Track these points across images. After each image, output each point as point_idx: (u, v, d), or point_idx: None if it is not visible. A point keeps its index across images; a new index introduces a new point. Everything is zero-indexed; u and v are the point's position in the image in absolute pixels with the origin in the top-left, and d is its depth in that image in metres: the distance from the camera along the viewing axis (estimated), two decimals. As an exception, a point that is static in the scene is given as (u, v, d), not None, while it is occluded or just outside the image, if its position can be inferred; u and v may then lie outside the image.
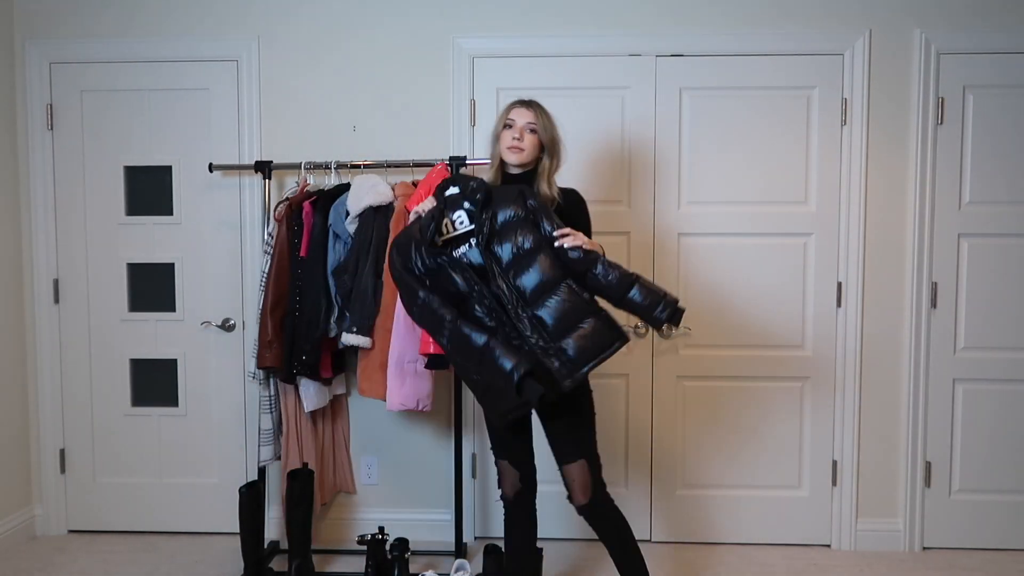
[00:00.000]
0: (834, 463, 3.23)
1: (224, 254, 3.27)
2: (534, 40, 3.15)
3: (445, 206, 2.30)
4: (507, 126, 2.39)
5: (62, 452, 3.36)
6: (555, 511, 3.07)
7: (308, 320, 2.84)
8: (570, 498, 2.29)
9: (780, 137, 3.14)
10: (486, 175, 2.47)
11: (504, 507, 2.51)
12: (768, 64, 3.12)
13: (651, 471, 3.26)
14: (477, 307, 2.19)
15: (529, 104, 2.41)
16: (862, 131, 3.11)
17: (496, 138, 2.43)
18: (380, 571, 2.83)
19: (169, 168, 3.27)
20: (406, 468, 3.31)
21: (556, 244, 2.19)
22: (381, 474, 3.32)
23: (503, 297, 2.16)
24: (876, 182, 3.13)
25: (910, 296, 3.15)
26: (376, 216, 2.85)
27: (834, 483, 3.23)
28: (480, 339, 2.13)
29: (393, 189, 2.90)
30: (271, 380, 2.99)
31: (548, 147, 2.40)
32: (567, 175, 2.52)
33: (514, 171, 2.42)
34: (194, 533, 3.36)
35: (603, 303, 2.21)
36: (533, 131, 2.37)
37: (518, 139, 2.35)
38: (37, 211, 3.28)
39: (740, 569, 3.05)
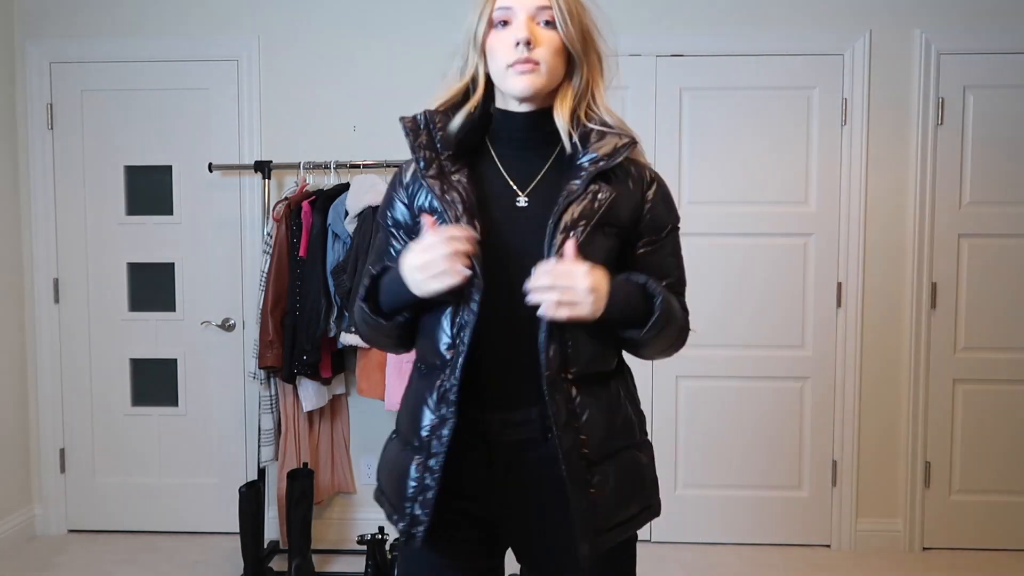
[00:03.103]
0: (834, 463, 3.22)
1: (224, 254, 3.26)
2: (534, 40, 3.15)
3: None
4: (501, 23, 1.28)
5: (62, 452, 3.36)
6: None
7: (308, 320, 2.84)
8: None
9: (780, 137, 3.14)
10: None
11: None
12: (768, 64, 3.12)
13: (651, 471, 3.26)
14: None
15: None
16: (862, 131, 3.10)
17: (479, 50, 1.32)
18: (380, 571, 2.83)
19: (169, 168, 3.27)
20: (406, 468, 3.30)
21: None
22: (381, 474, 3.31)
23: None
24: (876, 182, 3.13)
25: (910, 296, 3.15)
26: (375, 216, 2.85)
27: (834, 483, 3.23)
28: None
29: (393, 189, 2.90)
30: (272, 380, 2.99)
31: (579, 53, 1.29)
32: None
33: (522, 108, 1.33)
34: (194, 533, 3.35)
35: None
36: (550, 25, 1.27)
37: (527, 45, 1.24)
38: (37, 211, 3.27)
39: (740, 569, 3.05)
